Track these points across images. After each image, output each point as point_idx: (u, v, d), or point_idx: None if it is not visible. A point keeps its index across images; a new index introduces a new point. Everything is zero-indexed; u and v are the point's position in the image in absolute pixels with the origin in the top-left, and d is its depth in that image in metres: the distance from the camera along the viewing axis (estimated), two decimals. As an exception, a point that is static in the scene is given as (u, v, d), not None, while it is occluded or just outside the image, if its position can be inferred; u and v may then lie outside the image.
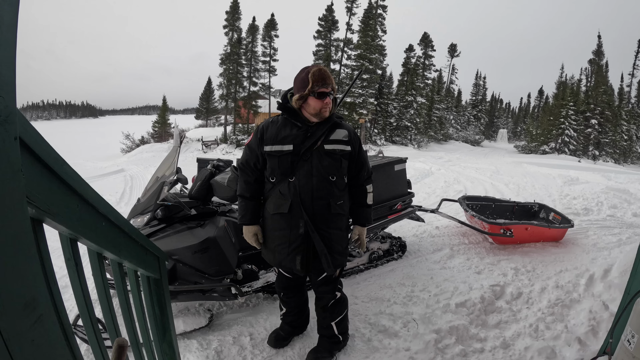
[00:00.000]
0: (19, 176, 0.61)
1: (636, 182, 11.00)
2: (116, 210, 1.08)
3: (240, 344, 2.87)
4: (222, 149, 29.78)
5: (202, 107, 46.53)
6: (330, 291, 2.68)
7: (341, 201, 2.47)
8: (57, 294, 0.85)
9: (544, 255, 4.58)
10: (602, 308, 3.23)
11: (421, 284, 3.82)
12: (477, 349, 2.88)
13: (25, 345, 0.63)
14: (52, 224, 0.81)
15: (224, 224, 3.18)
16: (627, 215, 6.44)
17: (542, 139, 36.58)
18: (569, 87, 38.65)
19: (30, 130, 0.66)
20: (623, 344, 2.05)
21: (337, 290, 2.70)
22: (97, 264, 1.13)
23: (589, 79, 39.89)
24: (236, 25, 33.35)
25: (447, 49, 48.46)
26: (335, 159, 2.38)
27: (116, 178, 13.02)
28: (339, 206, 2.45)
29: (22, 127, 0.63)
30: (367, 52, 31.93)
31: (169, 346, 1.70)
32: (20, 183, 0.62)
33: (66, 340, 0.86)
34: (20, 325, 0.61)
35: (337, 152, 2.39)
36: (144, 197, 3.43)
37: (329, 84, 2.31)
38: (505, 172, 13.98)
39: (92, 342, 1.15)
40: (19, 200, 0.62)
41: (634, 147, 38.16)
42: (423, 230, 5.49)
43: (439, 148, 34.22)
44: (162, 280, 1.63)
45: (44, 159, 0.71)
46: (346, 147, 2.42)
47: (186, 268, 2.97)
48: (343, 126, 2.48)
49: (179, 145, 3.66)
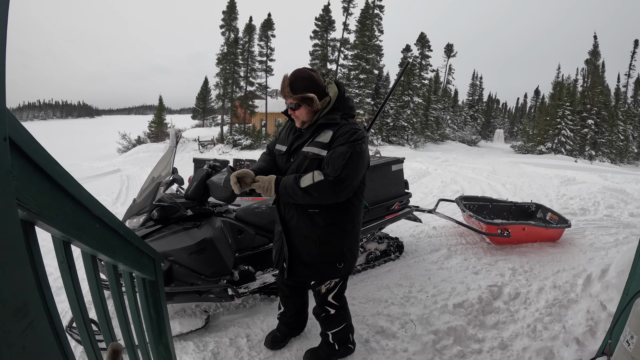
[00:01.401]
0: (9, 177, 0.60)
1: (633, 182, 11.03)
2: (110, 212, 1.06)
3: (237, 345, 2.86)
4: (219, 149, 29.73)
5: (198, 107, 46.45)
6: (319, 304, 2.65)
7: (316, 210, 2.33)
8: (50, 298, 0.83)
9: (542, 255, 4.58)
10: (600, 308, 3.23)
11: (419, 284, 3.81)
12: (475, 349, 2.88)
13: (16, 352, 0.61)
14: (44, 227, 0.79)
15: (220, 225, 3.16)
16: (623, 215, 6.46)
17: (538, 139, 36.68)
18: (566, 88, 38.76)
19: (21, 130, 0.65)
20: (622, 345, 2.05)
21: (328, 306, 2.62)
22: (91, 266, 1.11)
23: (586, 79, 40.03)
24: (233, 25, 33.33)
25: (444, 49, 48.61)
26: (313, 162, 2.28)
27: (112, 178, 12.98)
28: (314, 214, 2.35)
29: (12, 127, 0.61)
30: (364, 52, 31.98)
31: (165, 348, 1.69)
32: (10, 185, 0.60)
33: (59, 346, 0.84)
34: (11, 331, 0.60)
35: (309, 156, 2.29)
36: (139, 198, 3.41)
37: (287, 95, 2.26)
38: (502, 172, 14.00)
39: (87, 346, 1.13)
40: (8, 203, 0.60)
41: (630, 147, 38.38)
42: (420, 231, 5.49)
43: (436, 148, 34.25)
44: (157, 282, 1.61)
45: (34, 159, 0.69)
46: (322, 151, 2.26)
47: (182, 269, 2.96)
48: (333, 126, 2.30)
49: (175, 145, 3.64)
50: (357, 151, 2.20)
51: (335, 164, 2.18)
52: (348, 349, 2.76)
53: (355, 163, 2.20)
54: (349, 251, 2.44)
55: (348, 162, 2.17)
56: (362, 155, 2.25)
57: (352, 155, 2.19)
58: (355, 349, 2.81)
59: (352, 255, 2.47)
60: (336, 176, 2.16)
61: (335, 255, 2.41)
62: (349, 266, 2.49)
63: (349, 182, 2.21)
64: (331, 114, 2.33)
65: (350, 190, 2.26)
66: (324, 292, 2.59)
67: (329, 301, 2.60)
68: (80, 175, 13.04)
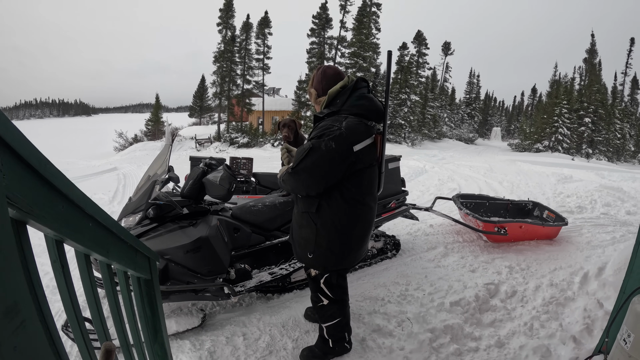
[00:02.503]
0: (-2, 176, 0.59)
1: (629, 180, 11.06)
2: (104, 211, 1.05)
3: (233, 344, 2.85)
4: (216, 147, 29.69)
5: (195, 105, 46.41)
6: (312, 289, 2.69)
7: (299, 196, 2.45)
8: (42, 298, 0.82)
9: (538, 253, 4.59)
10: (597, 306, 3.24)
11: (415, 282, 3.81)
12: (472, 347, 2.88)
13: (7, 353, 0.60)
14: (36, 226, 0.78)
15: (216, 223, 3.15)
16: (620, 213, 6.48)
17: (535, 137, 36.71)
18: (563, 86, 38.87)
19: (11, 128, 0.64)
20: (619, 343, 2.05)
21: (322, 296, 2.63)
22: (85, 265, 1.10)
23: (583, 78, 40.12)
24: (230, 23, 33.27)
25: (441, 47, 48.70)
26: None
27: (109, 176, 12.94)
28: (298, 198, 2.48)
29: (2, 124, 0.60)
30: (361, 50, 31.90)
31: (161, 347, 1.68)
32: (0, 183, 0.59)
33: (52, 346, 0.83)
34: (2, 332, 0.59)
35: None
36: (135, 196, 3.40)
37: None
38: (499, 170, 14.02)
39: (81, 346, 1.12)
40: (-2, 201, 0.59)
41: (627, 146, 38.49)
42: (417, 229, 5.49)
43: (433, 146, 34.26)
44: (153, 281, 1.60)
45: (25, 158, 0.68)
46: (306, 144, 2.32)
47: (178, 268, 2.95)
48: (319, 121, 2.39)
49: (171, 143, 3.63)
50: (317, 147, 2.21)
51: (296, 157, 2.31)
52: (344, 347, 2.76)
53: (313, 158, 2.22)
54: (324, 246, 2.41)
55: (305, 157, 2.23)
56: (323, 152, 2.21)
57: (310, 151, 2.23)
58: (351, 349, 2.80)
59: (331, 252, 2.42)
60: (294, 168, 2.28)
61: (308, 243, 2.44)
62: (325, 260, 2.47)
63: (306, 175, 2.25)
64: (327, 109, 2.40)
65: (314, 184, 2.28)
66: (313, 275, 2.64)
67: (321, 288, 2.61)
68: (76, 173, 13.01)
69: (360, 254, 2.57)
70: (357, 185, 2.35)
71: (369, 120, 2.38)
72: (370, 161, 2.37)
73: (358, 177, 2.33)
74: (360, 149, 2.26)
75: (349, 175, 2.30)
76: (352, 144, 2.23)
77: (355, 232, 2.43)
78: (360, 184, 2.36)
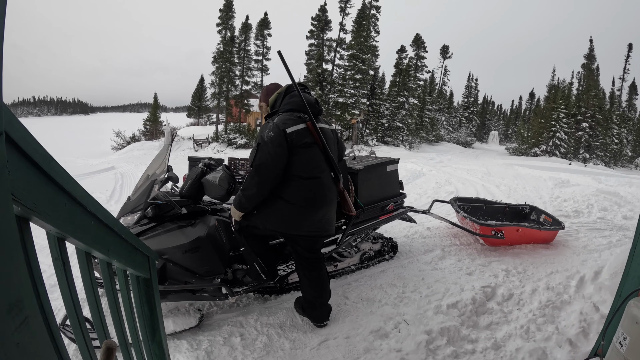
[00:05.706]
0: (4, 173, 0.59)
1: (626, 185, 11.10)
2: (105, 209, 1.06)
3: (230, 344, 2.85)
4: (214, 147, 29.70)
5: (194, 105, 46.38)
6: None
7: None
8: (44, 295, 0.83)
9: (535, 256, 4.60)
10: (593, 310, 3.25)
11: (412, 284, 3.82)
12: (469, 350, 2.88)
13: (10, 349, 0.60)
14: (39, 223, 0.79)
15: (214, 223, 3.15)
16: (617, 218, 6.49)
17: (533, 142, 36.83)
18: (561, 91, 38.94)
19: (17, 126, 0.64)
20: (615, 346, 2.06)
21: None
22: (85, 263, 1.11)
23: (581, 83, 40.23)
24: (229, 23, 33.31)
25: (440, 51, 48.76)
26: None
27: (107, 176, 12.93)
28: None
29: (8, 122, 0.61)
30: (359, 53, 31.95)
31: (159, 347, 1.68)
32: (6, 180, 0.60)
33: (53, 343, 0.83)
34: (5, 328, 0.59)
35: None
36: (134, 196, 3.39)
37: None
38: (497, 173, 14.04)
39: (80, 343, 1.12)
40: (3, 198, 0.60)
41: (624, 151, 38.60)
42: (414, 231, 5.49)
43: (431, 149, 34.33)
44: (151, 280, 1.60)
45: (30, 155, 0.69)
46: None
47: (176, 267, 2.95)
48: None
49: (170, 143, 3.62)
50: (261, 141, 2.69)
51: (250, 159, 2.81)
52: (310, 315, 3.15)
53: (263, 150, 2.68)
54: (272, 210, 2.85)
55: (257, 153, 2.70)
56: (267, 142, 2.66)
57: (259, 146, 2.71)
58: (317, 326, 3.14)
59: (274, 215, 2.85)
60: (252, 165, 2.73)
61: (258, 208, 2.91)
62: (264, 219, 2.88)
63: (264, 167, 2.69)
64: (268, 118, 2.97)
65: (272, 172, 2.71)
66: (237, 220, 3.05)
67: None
68: (74, 172, 12.95)
69: (313, 223, 2.88)
70: (301, 163, 2.77)
71: (300, 113, 2.84)
72: (307, 141, 2.78)
73: (300, 155, 2.75)
74: (293, 131, 2.71)
75: (293, 157, 2.73)
76: (285, 127, 2.69)
77: (304, 204, 2.82)
78: (304, 161, 2.78)
